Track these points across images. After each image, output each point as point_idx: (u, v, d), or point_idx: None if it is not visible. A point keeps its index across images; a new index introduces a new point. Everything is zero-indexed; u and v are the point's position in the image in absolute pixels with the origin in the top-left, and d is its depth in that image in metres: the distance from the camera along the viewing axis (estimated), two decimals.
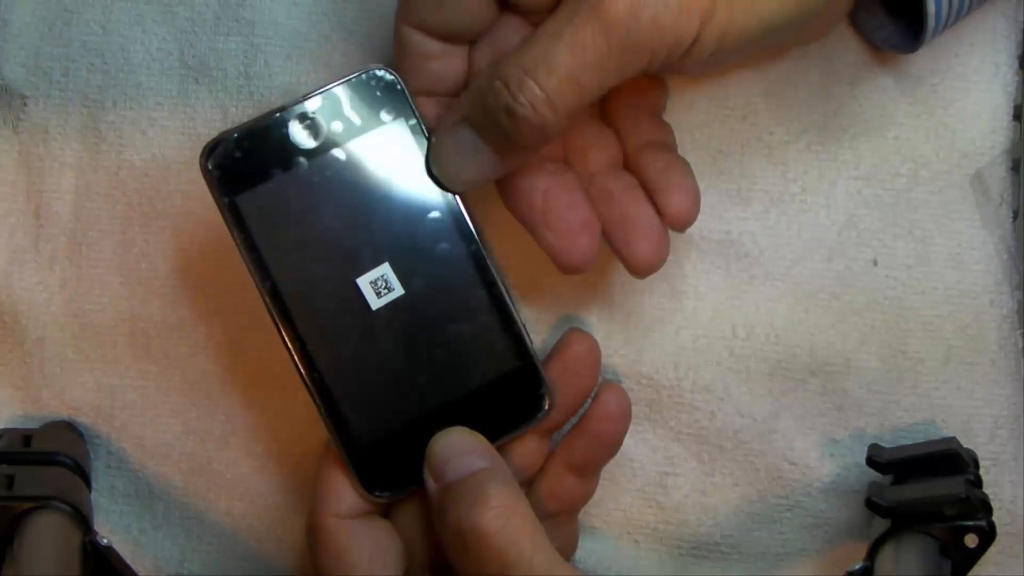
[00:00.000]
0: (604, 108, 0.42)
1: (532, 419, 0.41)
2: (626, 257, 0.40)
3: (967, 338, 0.45)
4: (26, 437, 0.45)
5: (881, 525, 0.43)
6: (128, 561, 0.42)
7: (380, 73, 0.39)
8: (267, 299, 0.39)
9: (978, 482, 0.43)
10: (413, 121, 0.40)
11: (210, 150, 0.38)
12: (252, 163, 0.39)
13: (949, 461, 0.43)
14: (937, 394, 0.45)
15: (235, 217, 0.39)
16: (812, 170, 0.45)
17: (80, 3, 0.46)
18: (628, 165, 0.42)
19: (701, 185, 0.40)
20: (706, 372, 0.46)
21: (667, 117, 0.44)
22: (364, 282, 0.39)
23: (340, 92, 0.39)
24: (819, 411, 0.46)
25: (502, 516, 0.36)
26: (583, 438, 0.42)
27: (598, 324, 0.46)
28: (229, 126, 0.39)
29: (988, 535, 0.41)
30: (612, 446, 0.42)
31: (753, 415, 0.46)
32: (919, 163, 0.45)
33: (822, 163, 0.45)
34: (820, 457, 0.46)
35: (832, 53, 0.45)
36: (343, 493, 0.40)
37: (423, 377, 0.40)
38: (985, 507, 0.42)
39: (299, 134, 0.39)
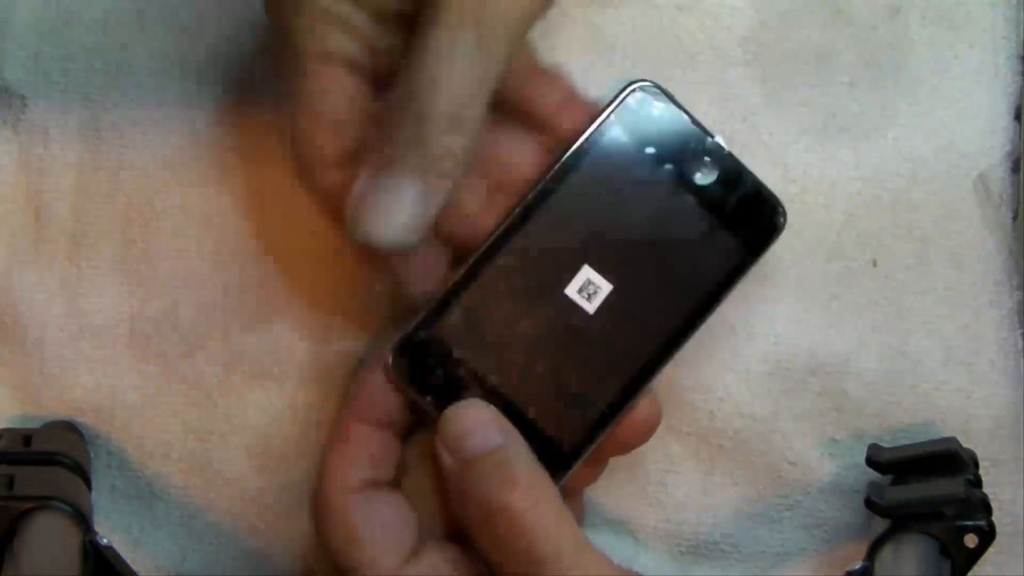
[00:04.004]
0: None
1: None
2: None
3: (966, 338, 0.45)
4: (26, 437, 0.45)
5: (881, 525, 0.43)
6: (128, 561, 0.42)
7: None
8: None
9: (978, 482, 0.43)
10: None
11: None
12: None
13: (949, 461, 0.43)
14: (937, 394, 0.45)
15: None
16: (812, 170, 0.45)
17: (80, 3, 0.46)
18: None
19: None
20: (706, 372, 0.46)
21: None
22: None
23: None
24: (819, 411, 0.46)
25: (531, 496, 0.36)
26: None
27: None
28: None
29: (988, 535, 0.41)
30: (630, 448, 0.42)
31: (753, 415, 0.46)
32: (919, 163, 0.45)
33: (822, 164, 0.45)
34: (820, 457, 0.46)
35: (831, 54, 0.45)
36: (351, 466, 0.39)
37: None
38: (985, 507, 0.42)
39: None
